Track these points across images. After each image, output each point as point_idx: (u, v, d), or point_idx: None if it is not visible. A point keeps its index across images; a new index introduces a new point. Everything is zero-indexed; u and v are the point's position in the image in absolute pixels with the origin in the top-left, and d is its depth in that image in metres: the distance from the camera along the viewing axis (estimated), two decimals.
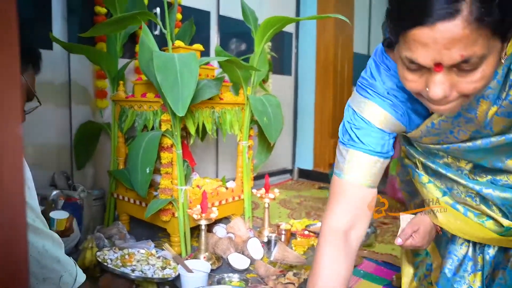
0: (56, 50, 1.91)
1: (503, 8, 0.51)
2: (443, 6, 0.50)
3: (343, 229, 0.75)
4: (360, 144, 0.74)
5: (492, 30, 0.52)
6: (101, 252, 1.45)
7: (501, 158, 0.73)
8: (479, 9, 0.50)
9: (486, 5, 0.51)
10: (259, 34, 1.86)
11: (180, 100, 1.39)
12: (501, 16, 0.52)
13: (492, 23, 0.52)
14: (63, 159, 2.00)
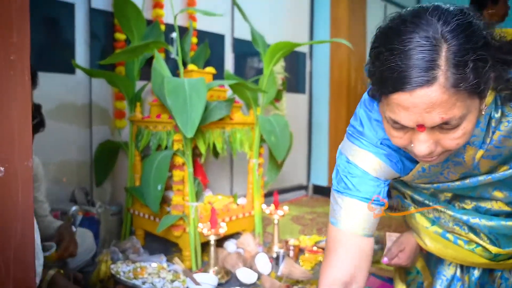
0: (78, 74, 2.07)
1: (477, 72, 0.54)
2: (421, 74, 0.52)
3: (343, 280, 0.71)
4: (357, 192, 0.72)
5: (469, 93, 0.55)
6: (115, 265, 1.54)
7: (488, 189, 0.75)
8: (454, 76, 0.53)
9: (461, 72, 0.53)
10: (267, 58, 1.95)
11: (188, 122, 1.48)
12: (476, 79, 0.54)
13: (468, 87, 0.54)
14: (83, 176, 2.14)
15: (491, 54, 0.55)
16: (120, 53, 1.61)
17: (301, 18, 3.48)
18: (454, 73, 0.53)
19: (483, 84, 0.55)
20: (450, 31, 0.53)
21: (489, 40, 0.55)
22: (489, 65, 0.55)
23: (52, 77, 1.98)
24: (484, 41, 0.54)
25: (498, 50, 0.56)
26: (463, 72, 0.53)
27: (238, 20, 2.88)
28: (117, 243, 1.82)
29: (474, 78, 0.53)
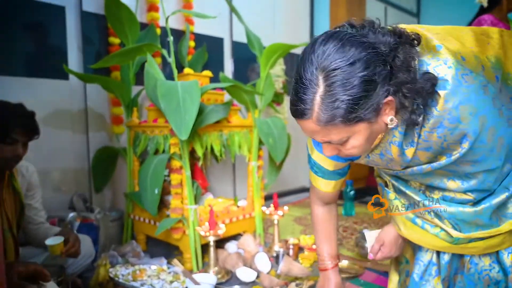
0: (72, 79, 2.07)
1: (348, 110, 0.64)
2: (299, 110, 0.67)
3: (323, 203, 1.09)
4: (323, 175, 0.99)
5: (344, 124, 0.66)
6: (114, 268, 1.54)
7: (443, 179, 0.82)
8: (324, 116, 0.65)
9: (329, 113, 0.65)
10: (264, 60, 1.96)
11: (182, 125, 1.49)
12: (349, 115, 0.65)
13: (338, 122, 0.66)
14: (81, 183, 2.15)
15: (378, 87, 0.66)
16: (112, 56, 1.62)
17: (301, 20, 3.48)
18: (323, 113, 0.65)
19: (362, 114, 0.66)
20: (323, 77, 0.64)
21: (374, 76, 0.65)
22: (370, 107, 0.66)
23: (45, 83, 1.98)
24: (358, 80, 0.64)
25: (401, 81, 0.67)
26: (331, 113, 0.65)
27: (237, 22, 2.90)
28: (117, 247, 1.82)
29: (346, 115, 0.65)
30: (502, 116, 0.73)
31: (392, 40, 0.68)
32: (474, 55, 0.71)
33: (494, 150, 0.75)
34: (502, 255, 0.86)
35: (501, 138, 0.74)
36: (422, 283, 0.96)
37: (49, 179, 2.00)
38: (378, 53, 0.66)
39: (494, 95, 0.71)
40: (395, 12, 4.09)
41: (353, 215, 2.75)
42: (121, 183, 2.30)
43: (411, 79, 0.67)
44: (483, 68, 0.71)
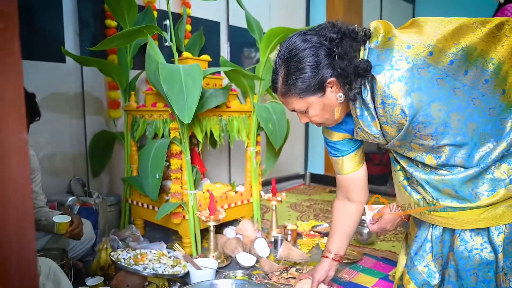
0: (69, 63, 2.02)
1: (298, 85, 0.94)
2: (272, 86, 1.01)
3: (346, 197, 1.25)
4: (340, 152, 1.16)
5: (299, 96, 0.96)
6: (115, 252, 1.54)
7: (422, 154, 0.95)
8: (284, 89, 0.97)
9: (286, 87, 0.96)
10: (264, 44, 1.93)
11: (185, 109, 1.47)
12: (300, 89, 0.94)
13: (294, 94, 0.96)
14: (79, 167, 2.12)
15: (326, 75, 0.93)
16: (111, 39, 1.58)
17: (297, 6, 3.44)
18: (283, 88, 0.97)
19: (309, 91, 0.94)
20: (284, 62, 0.96)
21: (322, 67, 0.92)
22: (312, 82, 0.93)
23: (41, 66, 1.93)
24: (301, 66, 0.93)
25: (338, 64, 0.91)
26: (287, 87, 0.96)
27: (234, 6, 2.85)
28: (117, 231, 1.82)
29: (297, 90, 0.94)
30: (458, 95, 0.86)
31: (335, 36, 0.93)
32: (424, 44, 0.87)
33: (449, 125, 0.87)
34: (492, 235, 0.90)
35: (456, 114, 0.87)
36: (417, 258, 1.04)
37: (46, 163, 1.97)
38: (323, 45, 0.92)
39: (441, 76, 0.86)
40: None
41: None
42: (118, 167, 2.28)
43: (346, 64, 0.90)
44: (431, 54, 0.86)
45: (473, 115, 0.87)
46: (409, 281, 1.07)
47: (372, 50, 0.92)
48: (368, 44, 0.94)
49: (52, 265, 1.03)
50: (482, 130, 0.88)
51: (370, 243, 1.92)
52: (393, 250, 1.85)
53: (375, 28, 0.95)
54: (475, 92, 0.87)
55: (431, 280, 1.03)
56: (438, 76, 0.86)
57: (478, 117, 0.87)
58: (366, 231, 1.92)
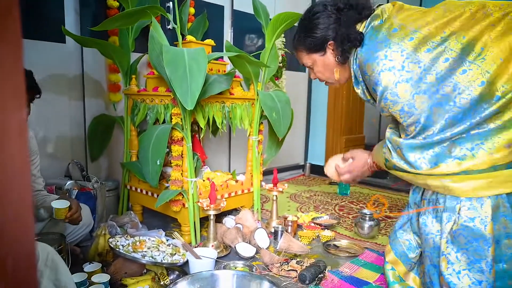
0: (69, 43, 1.96)
1: (306, 43, 1.16)
2: (292, 40, 1.24)
3: None
4: None
5: (306, 52, 1.19)
6: (113, 239, 1.51)
7: (400, 130, 1.09)
8: (295, 45, 1.21)
9: (297, 44, 1.20)
10: (270, 30, 1.87)
11: (188, 94, 1.42)
12: (307, 47, 1.17)
13: (302, 49, 1.19)
14: (77, 150, 2.08)
15: (326, 36, 1.12)
16: (113, 19, 1.52)
17: None
18: (296, 43, 1.20)
19: (312, 48, 1.16)
20: (301, 21, 1.20)
21: (323, 28, 1.12)
22: (315, 41, 1.14)
23: (41, 45, 1.87)
24: (311, 26, 1.13)
25: (341, 28, 1.09)
26: (298, 43, 1.19)
27: None
28: (115, 217, 1.79)
29: (304, 45, 1.17)
30: (428, 80, 0.95)
31: (343, 6, 1.09)
32: (410, 30, 0.99)
33: (414, 106, 0.97)
34: (442, 222, 0.99)
35: (421, 97, 0.95)
36: (400, 231, 1.19)
37: (45, 146, 1.92)
38: (333, 13, 1.10)
39: (413, 60, 0.96)
40: None
41: (348, 194, 2.78)
42: (117, 152, 2.23)
43: (344, 31, 1.07)
44: (411, 39, 0.97)
45: (440, 101, 0.94)
46: (390, 250, 1.21)
47: (371, 28, 1.06)
48: (372, 21, 1.07)
49: (50, 251, 1.00)
50: (450, 118, 0.94)
51: (371, 237, 1.91)
52: None
53: (382, 10, 1.08)
54: (448, 79, 0.93)
55: (409, 252, 1.16)
56: (410, 61, 0.96)
57: (446, 104, 0.94)
58: (368, 225, 1.90)
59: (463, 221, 0.95)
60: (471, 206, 0.95)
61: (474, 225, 0.94)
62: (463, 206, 0.96)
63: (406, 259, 1.18)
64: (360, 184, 3.05)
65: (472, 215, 0.95)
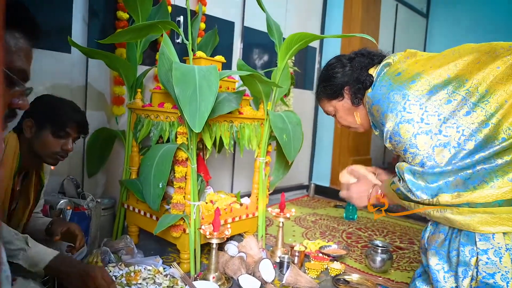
0: (74, 53, 1.88)
1: (327, 93, 1.28)
2: (315, 93, 1.39)
3: None
4: None
5: (327, 99, 1.30)
6: (106, 268, 1.39)
7: None
8: (318, 93, 1.34)
9: (319, 92, 1.33)
10: (283, 50, 1.79)
11: (197, 116, 1.33)
12: (327, 96, 1.29)
13: (325, 97, 1.30)
14: (74, 165, 1.96)
15: (342, 82, 1.23)
16: (123, 32, 1.44)
17: (312, 15, 3.32)
18: (318, 93, 1.35)
19: (331, 95, 1.27)
20: (321, 73, 1.33)
21: (338, 76, 1.23)
22: (333, 88, 1.25)
23: (45, 55, 1.79)
24: (329, 76, 1.26)
25: (353, 80, 1.20)
26: (319, 93, 1.33)
27: (250, 7, 2.71)
28: (109, 242, 1.67)
29: (324, 94, 1.30)
30: (430, 121, 0.96)
31: (354, 56, 1.24)
32: (410, 72, 1.04)
33: (416, 146, 0.97)
34: (458, 278, 0.93)
35: (423, 137, 0.96)
36: (419, 280, 1.12)
37: None
38: (342, 62, 1.24)
39: (414, 102, 0.98)
40: (406, 10, 3.97)
41: (355, 219, 2.67)
42: (116, 169, 2.12)
43: (356, 76, 1.18)
44: (413, 82, 1.01)
45: (443, 142, 0.94)
46: None
47: (380, 71, 1.14)
48: (382, 66, 1.15)
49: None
50: (453, 159, 0.92)
51: (383, 272, 1.79)
52: (409, 282, 1.71)
53: (394, 57, 1.17)
54: (451, 121, 0.93)
55: None
56: (411, 102, 0.99)
57: (449, 145, 0.92)
58: (380, 258, 1.78)
59: (482, 278, 0.87)
60: (482, 237, 0.89)
61: (495, 281, 0.86)
62: (478, 239, 0.89)
63: None
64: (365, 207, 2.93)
65: (485, 246, 0.89)
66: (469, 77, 0.95)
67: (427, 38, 4.35)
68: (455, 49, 1.06)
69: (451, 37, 4.10)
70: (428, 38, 4.34)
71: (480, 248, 0.87)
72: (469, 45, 1.06)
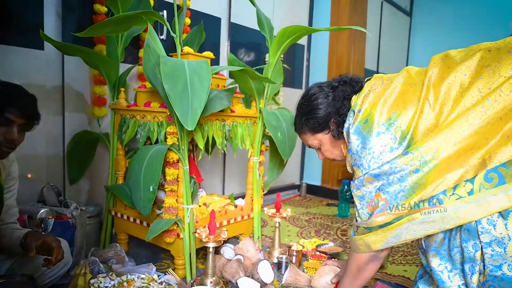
0: (48, 50, 1.74)
1: (309, 126, 1.17)
2: (294, 126, 1.26)
3: None
4: None
5: (311, 132, 1.18)
6: (96, 279, 1.29)
7: None
8: (299, 126, 1.20)
9: (300, 126, 1.20)
10: (275, 44, 1.73)
11: (189, 113, 1.24)
12: (310, 129, 1.17)
13: (308, 131, 1.18)
14: (54, 172, 1.83)
15: (327, 114, 1.13)
16: (103, 24, 1.32)
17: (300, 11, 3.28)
18: (299, 126, 1.21)
19: (316, 128, 1.16)
20: (301, 105, 1.21)
21: (323, 107, 1.13)
22: (318, 121, 1.14)
23: (16, 52, 1.65)
24: (311, 108, 1.15)
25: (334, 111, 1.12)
26: (301, 126, 1.20)
27: (237, 2, 2.64)
28: (97, 251, 1.55)
29: (308, 127, 1.18)
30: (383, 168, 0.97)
31: (337, 84, 1.15)
32: (369, 113, 1.00)
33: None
34: (467, 276, 0.89)
35: (381, 194, 0.98)
36: (421, 282, 1.09)
37: None
38: (324, 92, 1.14)
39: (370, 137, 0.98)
40: (390, 8, 4.00)
41: (348, 216, 2.64)
42: (100, 174, 2.00)
43: (339, 106, 1.11)
44: (366, 121, 1.00)
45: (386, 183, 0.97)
46: None
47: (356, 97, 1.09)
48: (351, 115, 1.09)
49: None
50: None
51: (380, 267, 1.75)
52: (406, 275, 1.69)
53: (360, 98, 1.09)
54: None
55: None
56: (368, 138, 1.01)
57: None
58: None
59: (489, 271, 0.85)
60: (484, 230, 0.85)
61: (503, 273, 0.83)
62: (480, 232, 0.86)
63: None
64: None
65: (488, 239, 0.85)
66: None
67: (410, 36, 4.40)
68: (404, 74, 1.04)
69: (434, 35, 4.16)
70: (412, 36, 4.40)
71: (484, 241, 0.85)
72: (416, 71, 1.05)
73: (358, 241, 1.06)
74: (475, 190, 0.86)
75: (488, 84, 0.87)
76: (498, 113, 0.84)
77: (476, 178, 0.86)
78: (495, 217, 0.83)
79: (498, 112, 0.84)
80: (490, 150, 0.84)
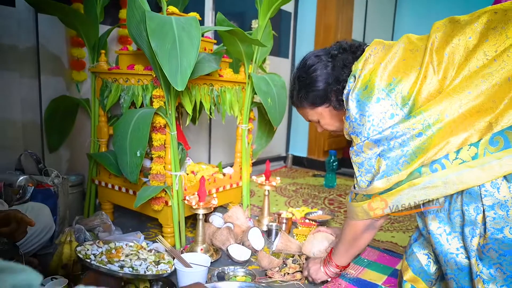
0: (20, 7, 1.60)
1: (308, 99, 1.10)
2: (291, 103, 1.19)
3: None
4: None
5: (310, 107, 1.12)
6: (82, 246, 1.24)
7: None
8: (298, 101, 1.14)
9: (298, 100, 1.13)
10: (265, 5, 1.65)
11: (178, 72, 1.17)
12: (309, 102, 1.11)
13: (308, 104, 1.12)
14: (31, 139, 1.73)
15: (327, 85, 1.06)
16: None
17: None
18: (297, 100, 1.14)
19: (316, 102, 1.10)
20: (298, 77, 1.12)
21: (323, 79, 1.07)
22: (317, 94, 1.08)
23: None
24: (311, 80, 1.08)
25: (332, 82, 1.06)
26: (300, 101, 1.13)
27: None
28: (82, 219, 1.50)
29: (308, 101, 1.11)
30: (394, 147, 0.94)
31: (336, 52, 1.07)
32: (369, 79, 0.96)
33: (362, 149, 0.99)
34: (466, 238, 0.88)
35: (380, 161, 0.95)
36: (416, 245, 1.09)
37: None
38: (329, 62, 1.06)
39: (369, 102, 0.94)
40: None
41: (334, 186, 2.67)
42: (82, 141, 1.91)
43: (338, 74, 1.04)
44: (366, 88, 0.95)
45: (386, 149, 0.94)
46: (407, 268, 1.08)
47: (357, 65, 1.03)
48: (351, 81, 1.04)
49: None
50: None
51: None
52: (393, 241, 1.73)
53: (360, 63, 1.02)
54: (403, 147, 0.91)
55: (428, 268, 1.04)
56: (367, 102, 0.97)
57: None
58: None
59: (490, 234, 0.84)
60: (488, 193, 0.84)
61: (504, 235, 0.83)
62: (483, 195, 0.84)
63: (426, 276, 1.05)
64: (346, 176, 2.95)
65: (491, 202, 0.83)
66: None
67: (396, 15, 4.31)
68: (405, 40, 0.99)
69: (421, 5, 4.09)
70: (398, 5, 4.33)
71: (486, 204, 0.84)
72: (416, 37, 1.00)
73: (357, 207, 1.04)
74: (480, 154, 0.83)
75: (495, 46, 0.83)
76: (506, 74, 0.81)
77: (481, 141, 0.83)
78: (499, 180, 0.82)
79: (506, 72, 0.81)
80: (498, 114, 0.81)
